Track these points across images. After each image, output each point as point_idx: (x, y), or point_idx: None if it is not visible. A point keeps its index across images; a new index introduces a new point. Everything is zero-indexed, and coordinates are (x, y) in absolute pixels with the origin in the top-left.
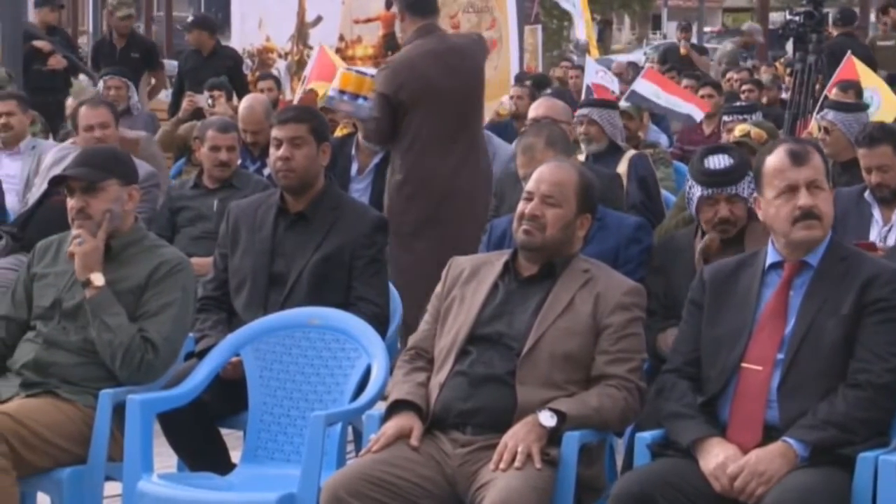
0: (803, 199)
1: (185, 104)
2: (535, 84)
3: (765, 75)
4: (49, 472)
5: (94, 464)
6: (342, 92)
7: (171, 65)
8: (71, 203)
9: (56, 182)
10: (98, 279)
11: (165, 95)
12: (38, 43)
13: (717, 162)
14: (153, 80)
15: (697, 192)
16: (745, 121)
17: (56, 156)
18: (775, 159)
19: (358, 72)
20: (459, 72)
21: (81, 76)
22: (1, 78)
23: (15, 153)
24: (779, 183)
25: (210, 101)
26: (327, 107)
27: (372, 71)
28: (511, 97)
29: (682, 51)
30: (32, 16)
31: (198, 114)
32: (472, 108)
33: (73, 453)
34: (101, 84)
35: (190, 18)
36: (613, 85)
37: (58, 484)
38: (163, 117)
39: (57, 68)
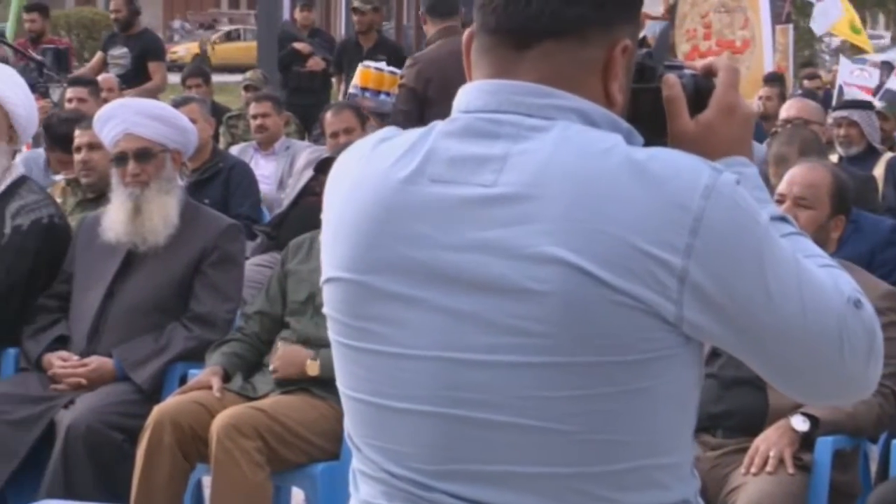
0: None
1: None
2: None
3: None
4: (303, 468)
5: (346, 460)
6: (364, 89)
7: None
8: None
9: (322, 167)
10: None
11: None
12: (297, 45)
13: None
14: None
15: None
16: None
17: (309, 157)
18: None
19: (377, 69)
20: None
21: None
22: (256, 79)
23: (270, 154)
24: None
25: None
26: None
27: (388, 67)
28: (759, 98)
29: None
30: (287, 14)
31: None
32: None
33: (326, 450)
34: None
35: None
36: (872, 80)
37: (312, 479)
38: None
39: (315, 70)
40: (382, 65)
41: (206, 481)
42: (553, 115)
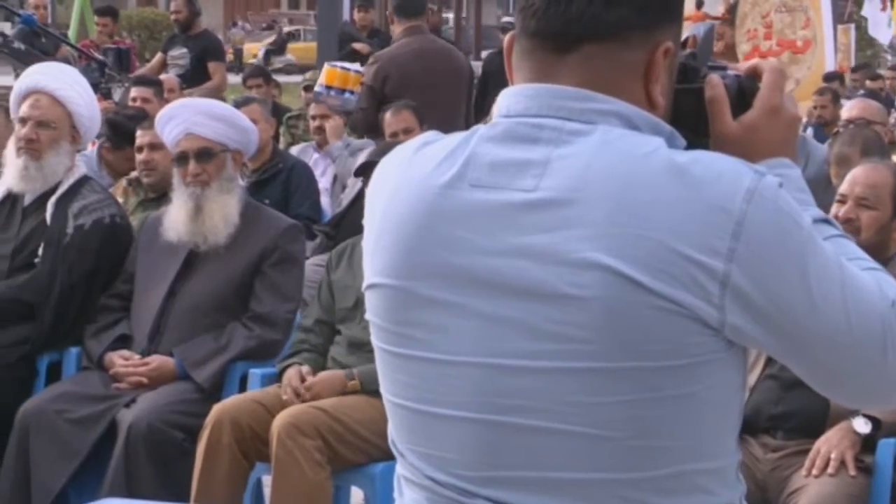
0: None
1: (494, 108)
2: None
3: None
4: (362, 467)
5: None
6: (329, 87)
7: (478, 66)
8: None
9: (363, 170)
10: None
11: None
12: (357, 45)
13: None
14: None
15: None
16: None
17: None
18: None
19: (342, 68)
20: (439, 72)
21: None
22: (316, 80)
23: (328, 153)
24: None
25: None
26: (315, 101)
27: (354, 66)
28: (815, 106)
29: None
30: (347, 14)
31: None
32: (450, 107)
33: (385, 449)
34: None
35: (505, 19)
36: None
37: (371, 478)
38: None
39: None
40: (347, 64)
41: (266, 480)
42: (594, 120)
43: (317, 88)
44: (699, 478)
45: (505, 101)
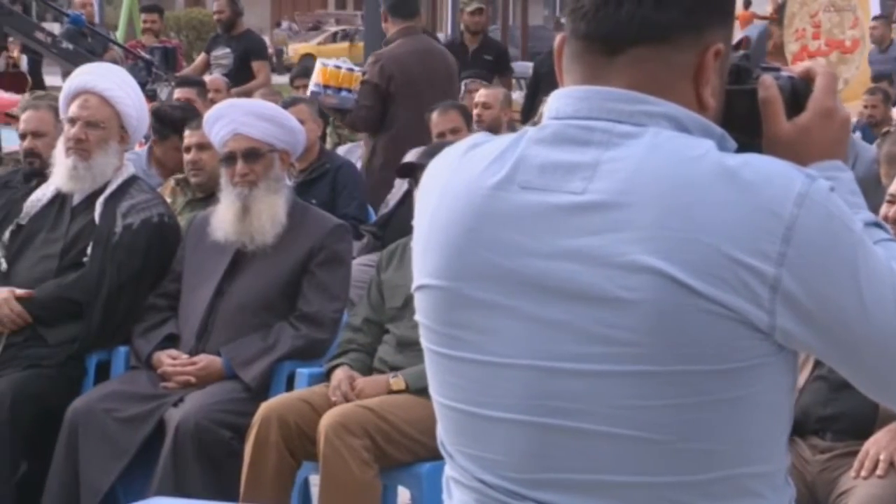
0: None
1: (542, 109)
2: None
3: None
4: (409, 467)
5: None
6: (326, 87)
7: (525, 66)
8: None
9: (404, 172)
10: None
11: (519, 96)
12: None
13: None
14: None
15: None
16: None
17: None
18: None
19: (335, 66)
20: (436, 72)
21: None
22: None
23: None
24: None
25: None
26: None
27: (346, 65)
28: (865, 106)
29: None
30: None
31: None
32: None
33: (432, 449)
34: (462, 86)
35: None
36: None
37: (417, 478)
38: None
39: None
40: (340, 62)
41: (313, 479)
42: (644, 122)
43: (313, 88)
44: (748, 481)
45: (555, 103)
